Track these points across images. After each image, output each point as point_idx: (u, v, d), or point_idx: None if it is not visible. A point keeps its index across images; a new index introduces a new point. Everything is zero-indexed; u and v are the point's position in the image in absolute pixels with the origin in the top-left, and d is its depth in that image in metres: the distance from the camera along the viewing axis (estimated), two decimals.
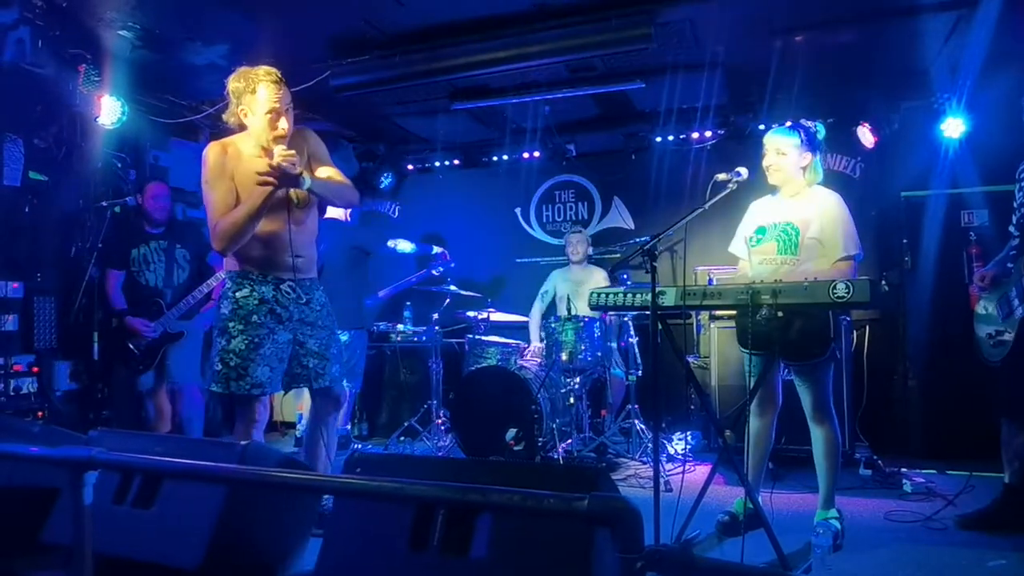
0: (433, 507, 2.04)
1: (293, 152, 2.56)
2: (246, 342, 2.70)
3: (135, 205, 4.36)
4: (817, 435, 3.03)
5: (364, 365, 5.09)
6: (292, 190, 2.68)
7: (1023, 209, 3.05)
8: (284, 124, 2.70)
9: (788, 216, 3.08)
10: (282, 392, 3.03)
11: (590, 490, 1.82)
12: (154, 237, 4.38)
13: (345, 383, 4.84)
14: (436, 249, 5.26)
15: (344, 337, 4.51)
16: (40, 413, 4.29)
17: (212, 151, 2.69)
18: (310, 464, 2.94)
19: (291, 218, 2.76)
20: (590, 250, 5.54)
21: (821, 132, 3.14)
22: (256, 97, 2.66)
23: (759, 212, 3.23)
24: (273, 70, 2.71)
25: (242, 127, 2.77)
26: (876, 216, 5.15)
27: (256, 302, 2.73)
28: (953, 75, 4.46)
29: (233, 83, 2.70)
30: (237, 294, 2.73)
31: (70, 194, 4.57)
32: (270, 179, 2.51)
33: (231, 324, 2.71)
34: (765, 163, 3.11)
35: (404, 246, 5.16)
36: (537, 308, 5.54)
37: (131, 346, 4.23)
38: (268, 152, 2.65)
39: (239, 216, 2.60)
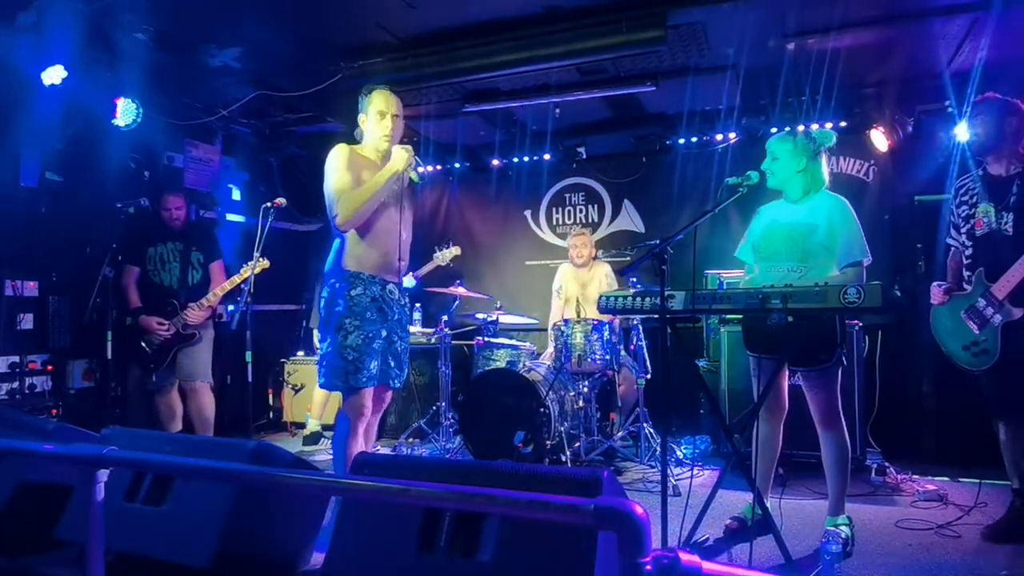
0: (441, 510, 2.04)
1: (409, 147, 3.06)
2: (362, 337, 2.94)
3: (148, 206, 4.41)
4: (826, 440, 3.01)
5: None
6: (410, 172, 3.10)
7: (972, 221, 3.09)
8: (389, 124, 3.12)
9: (794, 221, 3.07)
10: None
11: (597, 494, 1.82)
12: (171, 238, 4.45)
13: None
14: (409, 282, 4.55)
15: None
16: (54, 411, 4.34)
17: (343, 149, 3.06)
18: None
19: (401, 223, 3.10)
20: (595, 252, 5.36)
21: (829, 139, 3.14)
22: (370, 98, 3.14)
23: (767, 216, 3.22)
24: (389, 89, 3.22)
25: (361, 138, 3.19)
26: (889, 220, 5.12)
27: (368, 300, 2.99)
28: (968, 78, 4.42)
29: (361, 96, 3.16)
30: (352, 292, 2.97)
31: (85, 194, 4.62)
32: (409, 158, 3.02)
33: (347, 320, 2.94)
34: (764, 167, 3.14)
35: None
36: (557, 307, 5.31)
37: (143, 344, 4.27)
38: (383, 157, 3.12)
39: (366, 188, 2.96)
